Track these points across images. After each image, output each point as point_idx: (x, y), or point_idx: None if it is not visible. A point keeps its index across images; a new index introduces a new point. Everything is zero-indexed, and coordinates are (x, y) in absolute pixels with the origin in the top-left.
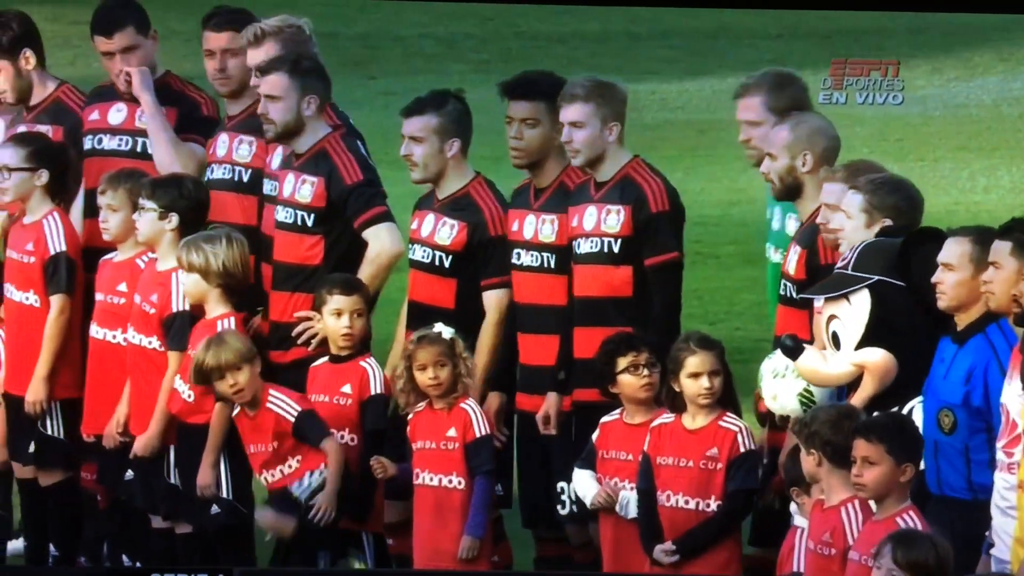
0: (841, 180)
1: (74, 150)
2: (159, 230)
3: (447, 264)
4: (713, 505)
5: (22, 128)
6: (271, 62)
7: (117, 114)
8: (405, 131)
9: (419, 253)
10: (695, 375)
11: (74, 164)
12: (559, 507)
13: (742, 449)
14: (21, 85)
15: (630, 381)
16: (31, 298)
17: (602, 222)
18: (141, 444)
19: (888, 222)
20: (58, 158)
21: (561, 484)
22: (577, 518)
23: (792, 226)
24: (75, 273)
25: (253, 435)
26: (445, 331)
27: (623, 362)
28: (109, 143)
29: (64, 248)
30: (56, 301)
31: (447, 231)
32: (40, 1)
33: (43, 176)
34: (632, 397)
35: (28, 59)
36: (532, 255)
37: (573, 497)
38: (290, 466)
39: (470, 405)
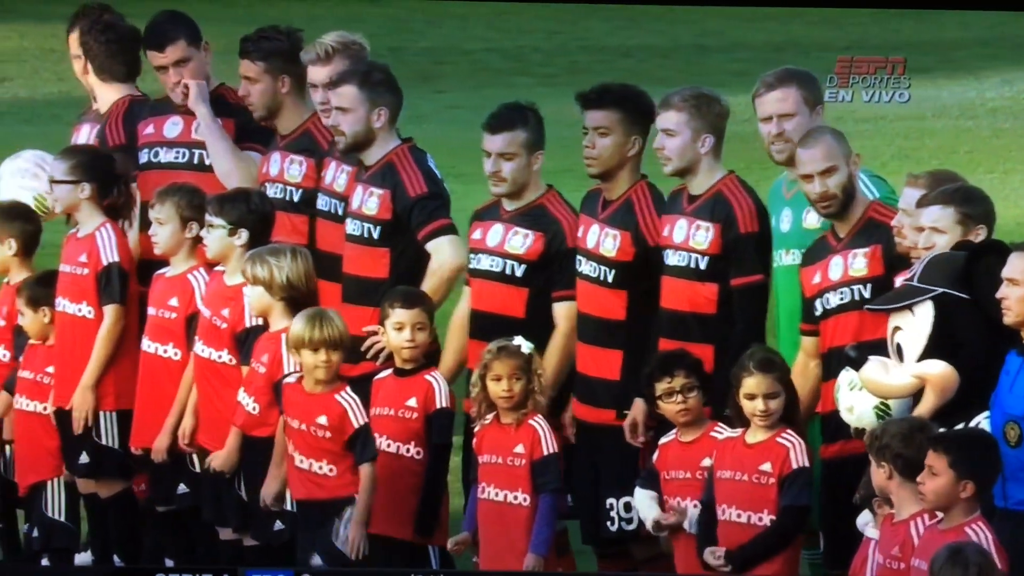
0: (924, 187)
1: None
2: (229, 246)
3: (519, 273)
4: (766, 519)
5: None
6: (342, 74)
7: (173, 127)
8: (492, 148)
9: (485, 262)
10: (751, 396)
11: (127, 177)
12: (608, 524)
13: (794, 465)
14: (86, 83)
15: (665, 407)
16: (84, 310)
17: (691, 237)
18: (220, 460)
19: (983, 228)
20: (104, 171)
21: (610, 500)
22: (627, 536)
23: (812, 222)
24: (128, 284)
25: (303, 412)
26: (525, 345)
27: (659, 388)
28: (166, 156)
29: (117, 259)
30: (110, 312)
31: (519, 240)
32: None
33: (86, 189)
34: (672, 421)
35: (85, 68)
36: (591, 265)
37: (622, 515)
38: (321, 468)
39: (539, 422)
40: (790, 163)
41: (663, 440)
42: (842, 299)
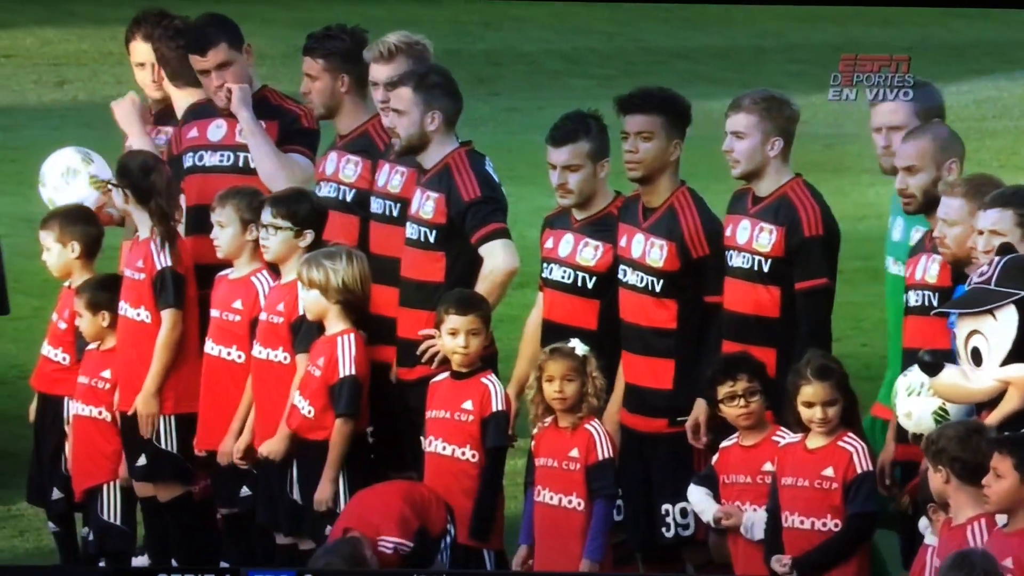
0: (961, 195)
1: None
2: (293, 247)
3: (590, 285)
4: (830, 524)
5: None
6: (400, 76)
7: (217, 130)
8: (556, 160)
9: (557, 273)
10: (809, 404)
11: (162, 187)
12: (663, 530)
13: (858, 470)
14: (154, 91)
15: (727, 411)
16: (142, 314)
17: (754, 239)
18: (269, 447)
19: None
20: (136, 178)
21: (666, 506)
22: (684, 542)
23: (919, 237)
24: (184, 287)
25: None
26: (579, 347)
27: (721, 391)
28: (210, 159)
29: (170, 263)
30: (168, 316)
31: (591, 252)
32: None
33: (124, 193)
34: (733, 424)
35: (160, 75)
36: (637, 275)
37: (679, 520)
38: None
39: (595, 426)
40: (895, 174)
41: (724, 444)
42: (916, 301)
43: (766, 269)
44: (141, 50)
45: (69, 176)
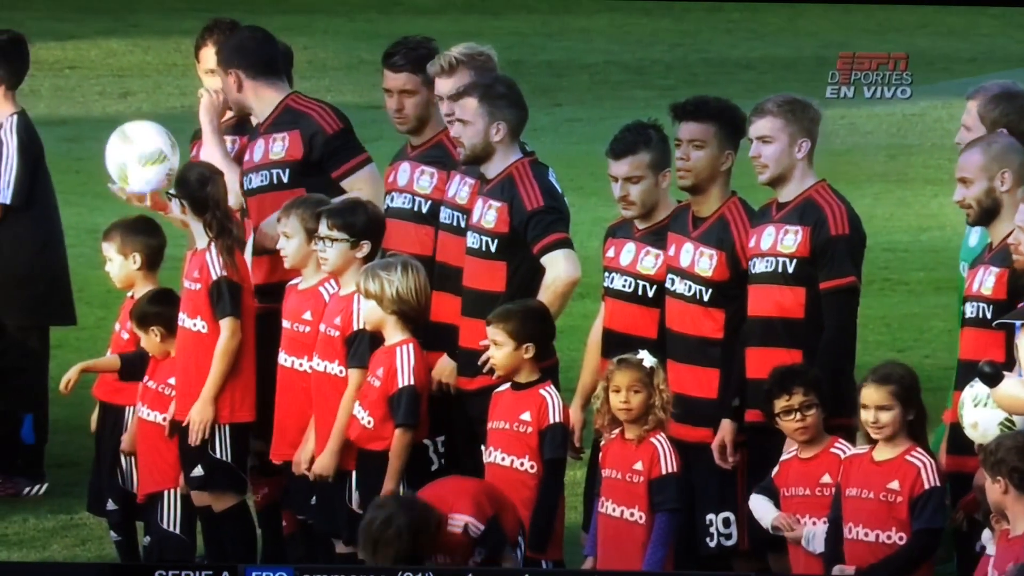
0: None
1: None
2: (350, 259)
3: (650, 294)
4: (894, 537)
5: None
6: (466, 86)
7: (258, 151)
8: (617, 173)
9: (618, 282)
10: (864, 407)
11: (219, 193)
12: (707, 540)
13: (926, 485)
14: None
15: (784, 425)
16: (199, 324)
17: (779, 242)
18: (320, 468)
19: None
20: (193, 189)
21: (709, 516)
22: (727, 552)
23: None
24: (240, 296)
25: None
26: (647, 359)
27: (777, 405)
28: (255, 180)
29: (225, 273)
30: (226, 325)
31: (651, 260)
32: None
33: (181, 203)
34: (791, 438)
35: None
36: (685, 284)
37: (721, 530)
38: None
39: (660, 440)
40: None
41: (784, 456)
42: (972, 313)
43: (791, 270)
44: (211, 57)
45: (154, 158)
